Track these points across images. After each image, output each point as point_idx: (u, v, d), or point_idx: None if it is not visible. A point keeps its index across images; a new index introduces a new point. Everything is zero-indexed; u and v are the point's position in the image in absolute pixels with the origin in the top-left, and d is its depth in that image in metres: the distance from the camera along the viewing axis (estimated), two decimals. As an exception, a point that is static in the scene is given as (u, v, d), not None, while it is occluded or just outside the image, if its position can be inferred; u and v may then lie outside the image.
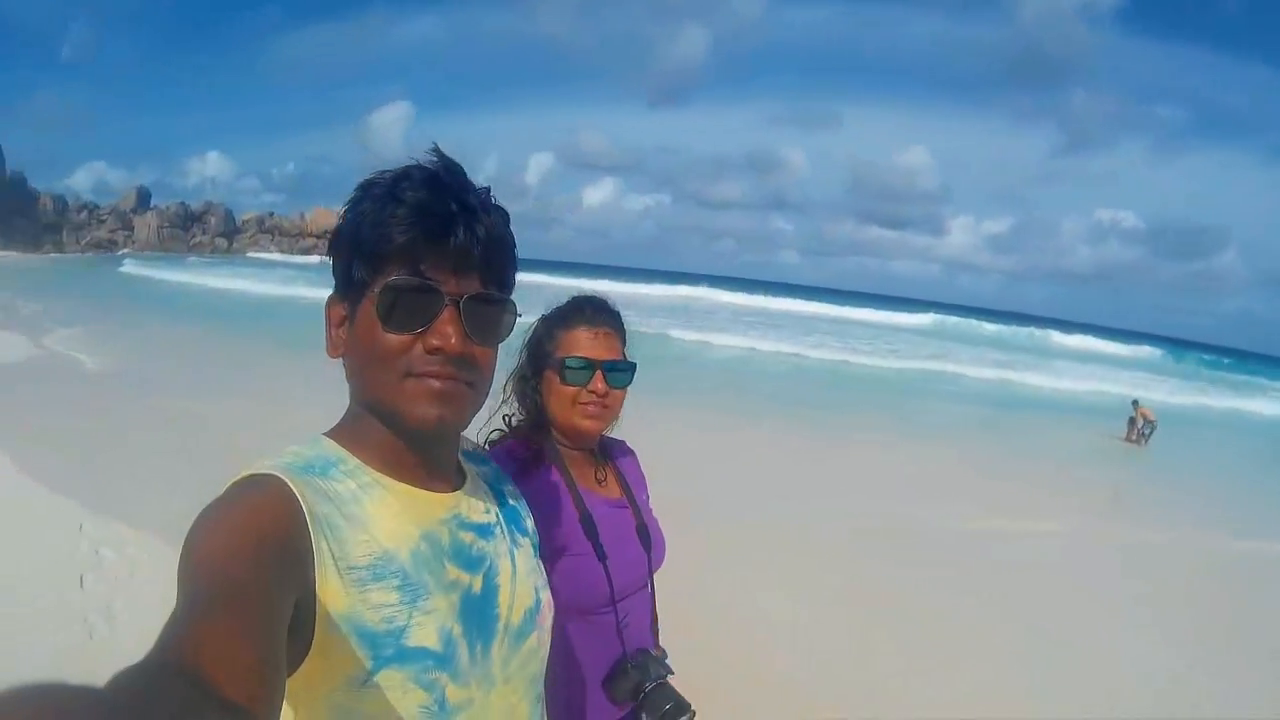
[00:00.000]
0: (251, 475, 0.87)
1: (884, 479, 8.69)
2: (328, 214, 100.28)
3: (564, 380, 1.72)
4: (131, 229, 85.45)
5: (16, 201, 74.05)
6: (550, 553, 1.57)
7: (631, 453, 2.02)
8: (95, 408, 8.73)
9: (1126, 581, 6.66)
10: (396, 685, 0.88)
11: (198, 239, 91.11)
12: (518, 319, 1.06)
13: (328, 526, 0.86)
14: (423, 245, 0.93)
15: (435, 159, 0.98)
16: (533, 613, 1.12)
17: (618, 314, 1.84)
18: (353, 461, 0.96)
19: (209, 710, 0.56)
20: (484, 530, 1.07)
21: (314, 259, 71.90)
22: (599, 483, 1.83)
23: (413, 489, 0.99)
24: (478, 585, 1.03)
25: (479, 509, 1.09)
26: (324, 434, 1.01)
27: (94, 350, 12.61)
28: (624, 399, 1.80)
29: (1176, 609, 6.24)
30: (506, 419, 1.82)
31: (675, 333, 24.11)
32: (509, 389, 1.82)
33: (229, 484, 0.86)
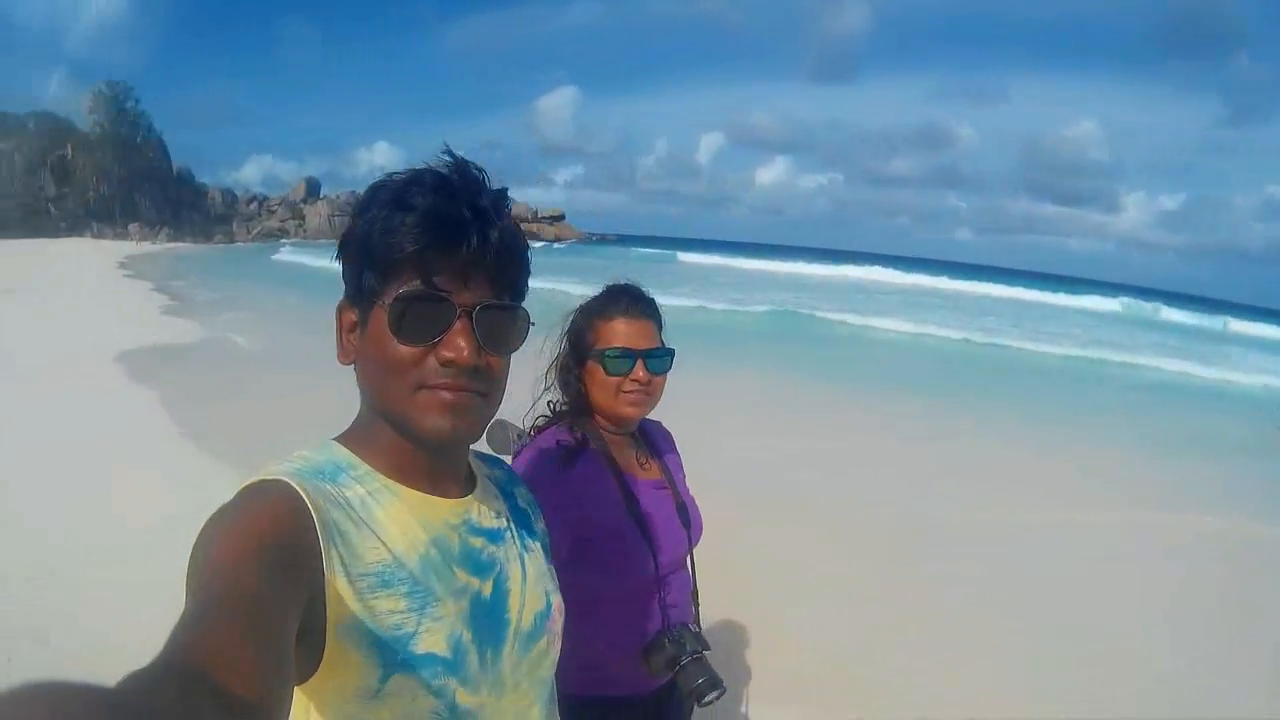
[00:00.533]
0: (261, 480, 0.88)
1: (999, 476, 8.11)
2: None
3: (607, 371, 1.81)
4: (302, 218, 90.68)
5: (186, 195, 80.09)
6: (598, 536, 1.72)
7: (668, 434, 2.11)
8: (251, 384, 9.56)
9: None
10: (406, 692, 0.89)
11: None
12: (530, 326, 1.06)
13: (337, 532, 0.87)
14: (433, 253, 0.92)
15: (450, 161, 0.98)
16: (543, 617, 1.13)
17: (653, 301, 1.93)
18: (363, 467, 0.97)
19: (215, 711, 0.57)
20: (494, 535, 1.08)
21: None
22: (641, 466, 1.92)
23: (422, 495, 1.00)
24: (488, 590, 1.04)
25: (489, 514, 1.10)
26: (334, 439, 1.02)
27: (248, 331, 13.76)
28: (664, 384, 1.88)
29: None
30: (551, 405, 1.92)
31: (830, 315, 23.61)
32: (550, 377, 1.93)
33: (238, 489, 0.86)
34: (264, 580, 0.73)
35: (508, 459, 1.73)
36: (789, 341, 18.52)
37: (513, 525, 1.14)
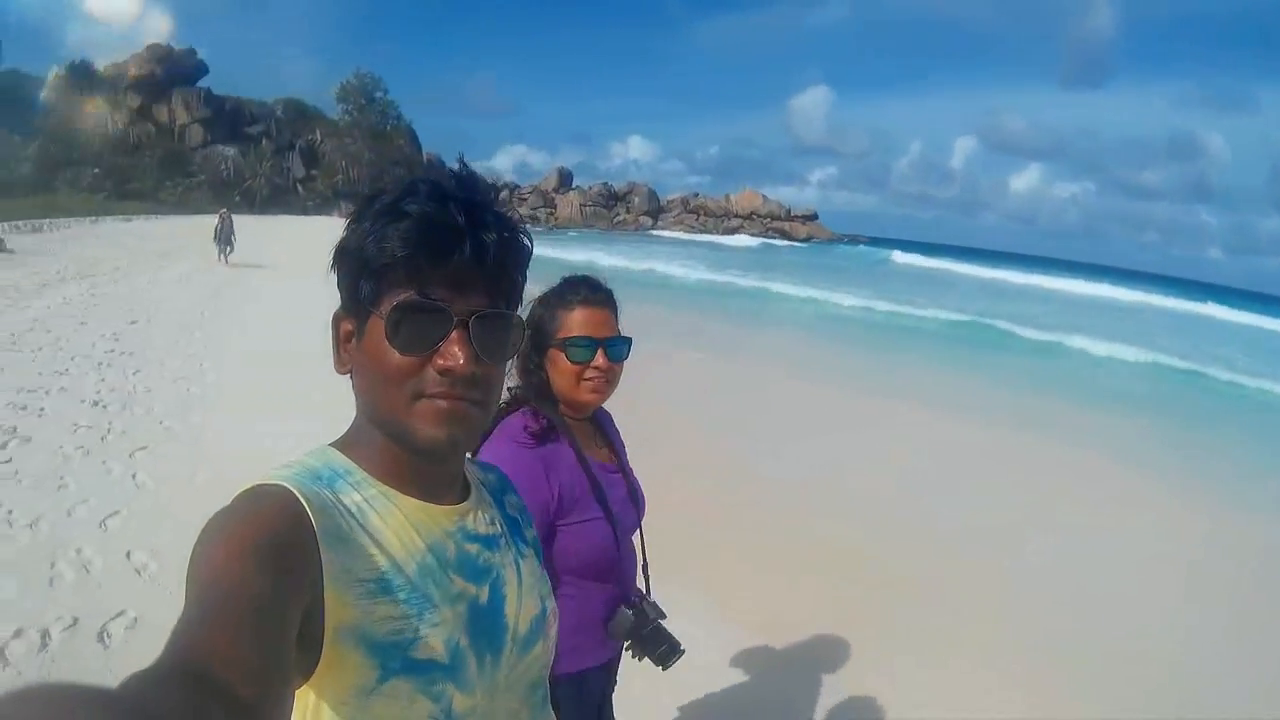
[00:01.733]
0: (259, 485, 0.91)
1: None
2: (754, 196, 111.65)
3: (569, 359, 1.92)
4: (554, 207, 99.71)
5: None
6: (565, 516, 1.87)
7: (609, 416, 2.24)
8: None
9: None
10: (404, 696, 0.92)
11: (621, 216, 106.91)
12: (526, 334, 1.10)
13: (335, 538, 0.90)
14: (428, 261, 0.95)
15: (452, 169, 1.02)
16: (539, 621, 1.17)
17: (610, 291, 2.03)
18: (359, 474, 1.00)
19: (217, 712, 0.61)
20: (489, 541, 1.12)
21: (754, 240, 78.85)
22: (597, 449, 2.07)
23: (419, 502, 1.03)
24: (484, 596, 1.07)
25: (484, 520, 1.13)
26: (331, 444, 1.05)
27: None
28: (622, 370, 2.00)
29: None
30: (510, 390, 1.96)
31: (1024, 329, 23.01)
32: (511, 365, 1.77)
33: (237, 494, 0.90)
34: (264, 582, 0.76)
35: None
36: (941, 347, 19.36)
37: (506, 531, 1.18)
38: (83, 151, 58.31)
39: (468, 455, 1.21)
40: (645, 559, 2.16)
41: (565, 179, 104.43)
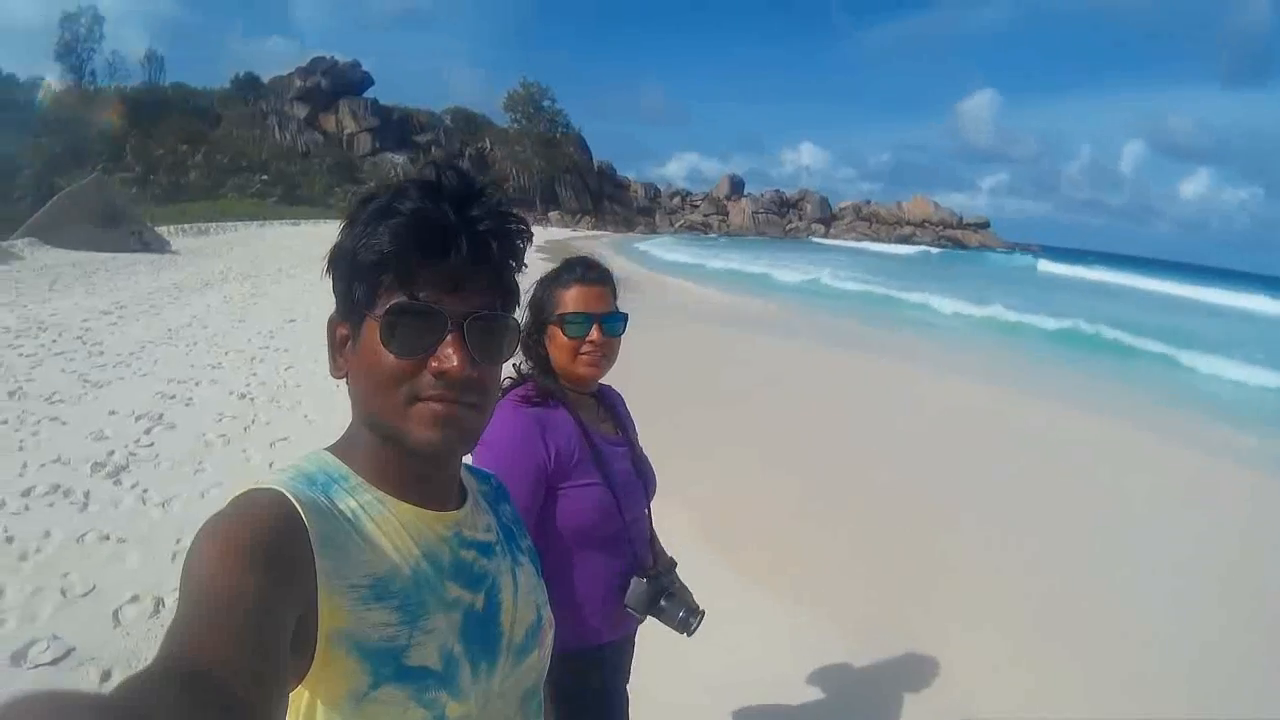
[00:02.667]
0: (253, 489, 0.92)
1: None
2: (925, 203, 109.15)
3: (566, 334, 2.00)
4: (725, 214, 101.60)
5: (607, 188, 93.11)
6: (563, 480, 1.92)
7: (621, 397, 2.32)
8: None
9: None
10: (397, 702, 0.93)
11: (793, 224, 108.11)
12: (521, 335, 1.17)
13: (329, 543, 0.90)
14: (421, 262, 0.96)
15: (446, 169, 1.02)
16: (535, 629, 1.18)
17: (607, 270, 2.13)
18: (355, 479, 1.01)
19: (211, 715, 0.62)
20: (485, 548, 1.12)
21: (914, 249, 77.83)
22: (600, 422, 2.13)
23: (414, 508, 1.03)
24: (480, 604, 1.08)
25: (480, 527, 1.14)
26: (326, 449, 1.05)
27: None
28: (619, 345, 2.09)
29: None
30: (516, 367, 2.07)
31: (1137, 340, 19.39)
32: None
33: (231, 498, 0.91)
34: (258, 585, 0.78)
35: None
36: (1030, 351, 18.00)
37: (503, 539, 1.19)
38: (250, 159, 62.57)
39: (465, 464, 1.21)
40: (654, 533, 2.19)
41: (736, 186, 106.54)
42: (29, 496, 5.07)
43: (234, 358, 9.73)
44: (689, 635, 2.04)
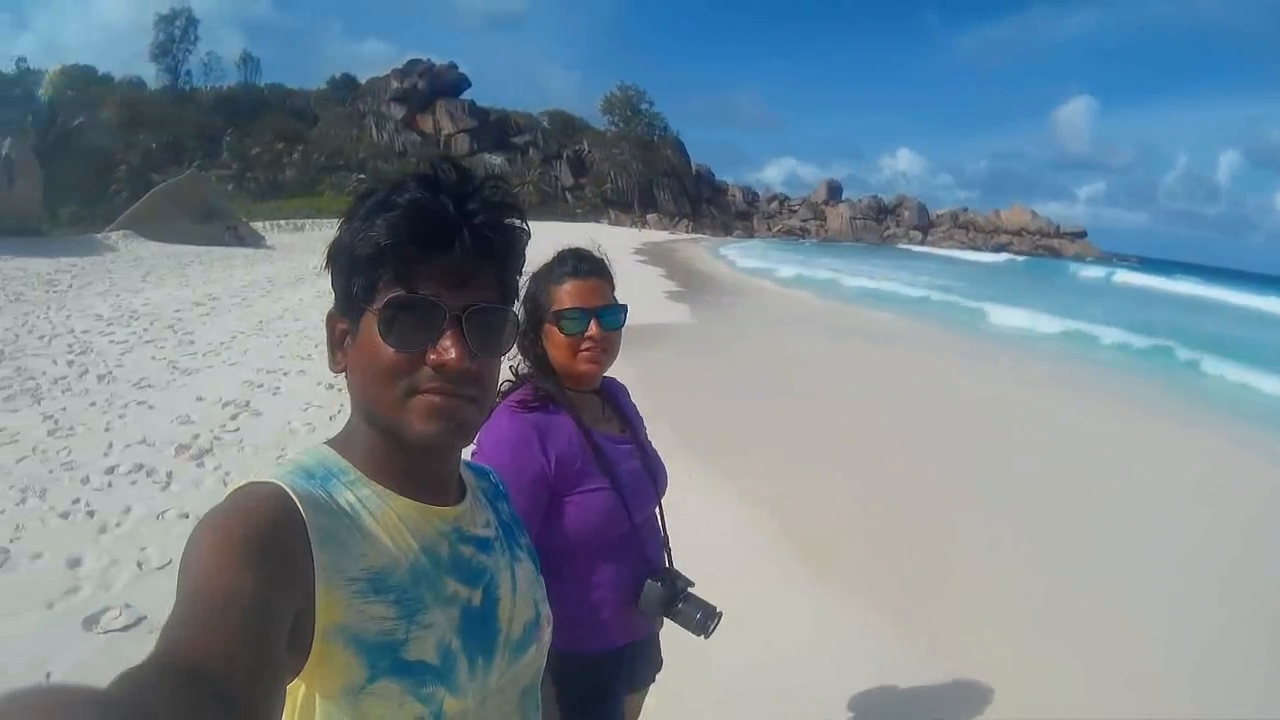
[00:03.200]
0: (251, 483, 0.93)
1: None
2: (1022, 212, 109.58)
3: (563, 331, 1.94)
4: (823, 219, 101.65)
5: (705, 191, 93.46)
6: (567, 487, 1.88)
7: (625, 390, 2.26)
8: (710, 377, 11.12)
9: None
10: (393, 697, 0.94)
11: (890, 230, 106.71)
12: (520, 328, 1.13)
13: (327, 537, 0.91)
14: (419, 256, 0.96)
15: (444, 164, 1.02)
16: (532, 626, 1.18)
17: (602, 261, 2.05)
18: (354, 473, 1.02)
19: (208, 709, 0.63)
20: (483, 544, 1.13)
21: (1001, 257, 76.26)
22: (605, 420, 2.08)
23: (413, 502, 1.04)
24: (478, 599, 1.09)
25: (479, 522, 1.15)
26: (325, 443, 1.07)
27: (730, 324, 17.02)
28: (620, 339, 2.03)
29: None
30: (513, 369, 2.03)
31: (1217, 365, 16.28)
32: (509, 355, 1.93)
33: (229, 492, 0.92)
34: (255, 580, 0.78)
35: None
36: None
37: (501, 535, 1.20)
38: (347, 158, 64.26)
39: (464, 460, 1.22)
40: (666, 533, 2.15)
41: (834, 191, 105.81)
42: (112, 474, 5.30)
43: (324, 349, 9.88)
44: (706, 638, 2.01)
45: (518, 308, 1.80)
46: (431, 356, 0.96)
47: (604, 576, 1.94)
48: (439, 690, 0.98)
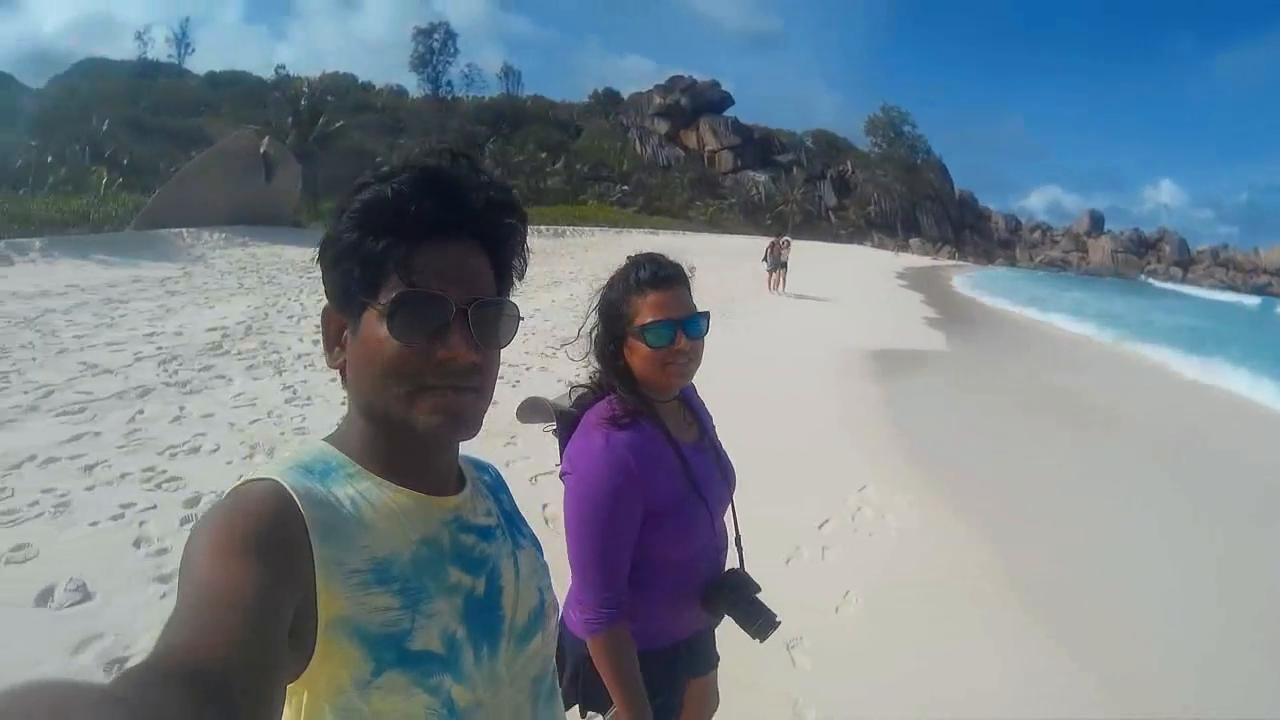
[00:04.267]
0: (248, 481, 0.93)
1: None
2: None
3: (649, 344, 1.89)
4: (1085, 250, 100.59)
5: (968, 217, 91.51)
6: (662, 508, 1.87)
7: (692, 388, 2.21)
8: (962, 407, 10.64)
9: None
10: (401, 688, 0.93)
11: (1151, 265, 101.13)
12: (520, 321, 1.10)
13: (327, 531, 0.91)
14: (423, 248, 0.97)
15: (445, 151, 1.04)
16: (537, 613, 1.18)
17: (679, 265, 2.00)
18: (353, 467, 1.01)
19: (209, 709, 0.62)
20: (485, 533, 1.13)
21: (1254, 299, 69.54)
22: (687, 428, 2.07)
23: (413, 493, 1.04)
24: (480, 588, 1.09)
25: (479, 511, 1.15)
26: (324, 438, 1.06)
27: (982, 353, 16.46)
28: (704, 346, 1.99)
29: None
30: (592, 377, 2.02)
31: None
32: (588, 354, 2.02)
33: (229, 489, 0.92)
34: (255, 578, 0.78)
35: (552, 426, 2.03)
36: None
37: (503, 523, 1.20)
38: (611, 169, 66.42)
39: (463, 452, 1.21)
40: (739, 532, 2.21)
41: (1096, 222, 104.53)
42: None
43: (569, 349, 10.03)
44: (761, 641, 2.03)
45: (593, 316, 1.98)
46: (441, 353, 0.97)
47: (680, 582, 1.98)
48: (445, 679, 0.98)
